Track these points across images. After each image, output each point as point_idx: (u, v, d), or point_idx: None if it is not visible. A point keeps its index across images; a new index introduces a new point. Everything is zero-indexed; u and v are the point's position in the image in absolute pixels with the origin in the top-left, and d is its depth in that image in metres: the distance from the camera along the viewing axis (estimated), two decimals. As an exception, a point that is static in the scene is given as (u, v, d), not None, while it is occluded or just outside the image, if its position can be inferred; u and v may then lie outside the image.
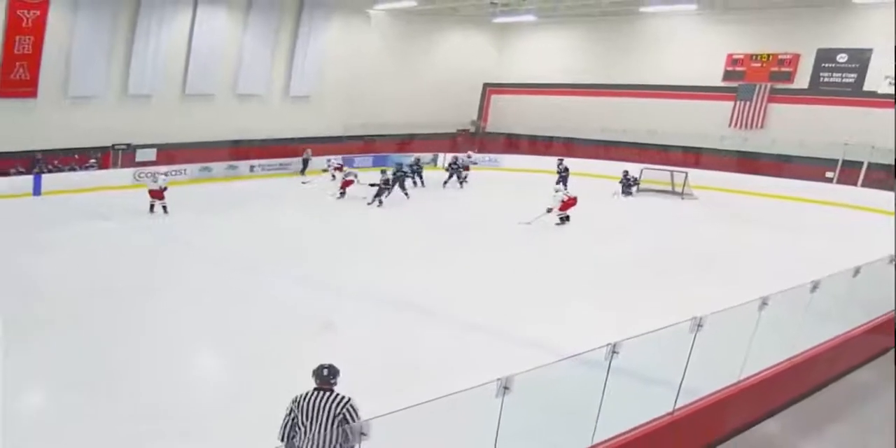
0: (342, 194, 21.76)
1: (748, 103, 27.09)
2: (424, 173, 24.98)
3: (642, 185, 24.80)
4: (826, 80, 25.44)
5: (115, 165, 23.37)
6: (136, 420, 7.33)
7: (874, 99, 23.90)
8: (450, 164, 25.57)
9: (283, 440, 5.04)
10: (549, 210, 18.04)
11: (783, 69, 26.26)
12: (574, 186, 23.20)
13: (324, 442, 4.88)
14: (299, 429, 4.98)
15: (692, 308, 6.65)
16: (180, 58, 24.33)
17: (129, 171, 22.78)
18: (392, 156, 29.15)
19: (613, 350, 5.72)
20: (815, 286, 7.90)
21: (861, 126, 23.55)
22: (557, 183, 22.07)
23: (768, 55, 26.58)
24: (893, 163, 21.86)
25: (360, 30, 29.63)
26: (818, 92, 25.52)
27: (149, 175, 17.74)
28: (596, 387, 5.81)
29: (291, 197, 22.50)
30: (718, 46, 27.66)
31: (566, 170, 24.19)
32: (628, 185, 24.35)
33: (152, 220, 17.41)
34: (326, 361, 5.16)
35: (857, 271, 8.68)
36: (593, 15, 29.60)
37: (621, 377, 5.87)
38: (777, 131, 26.18)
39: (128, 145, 23.66)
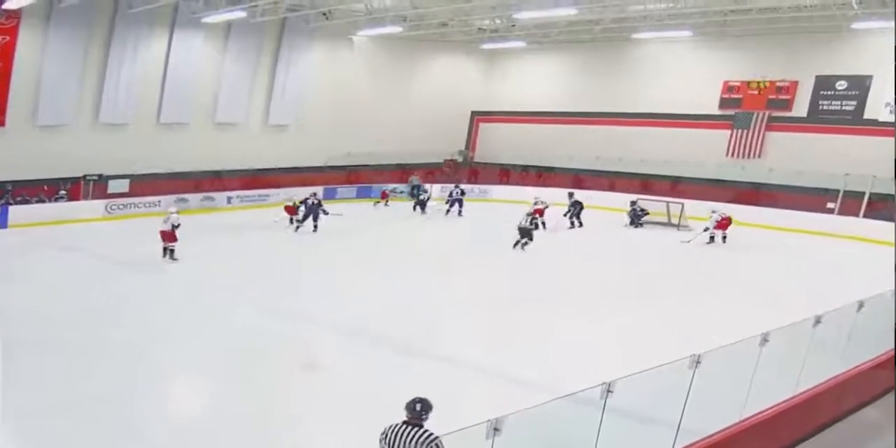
0: None
1: (745, 132, 27.36)
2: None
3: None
4: (825, 107, 25.81)
5: (86, 197, 23.31)
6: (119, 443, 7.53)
7: (875, 127, 24.21)
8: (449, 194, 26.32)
9: None
10: (707, 229, 20.84)
11: (781, 97, 26.61)
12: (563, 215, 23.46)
13: None
14: None
15: (694, 342, 6.62)
16: (155, 85, 24.47)
17: (101, 202, 22.72)
18: (374, 186, 29.39)
19: (608, 389, 5.68)
20: (817, 320, 7.93)
21: (862, 155, 23.75)
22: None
23: (766, 82, 26.93)
24: (894, 192, 21.98)
25: (343, 56, 29.93)
26: (817, 120, 25.88)
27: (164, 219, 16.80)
28: (591, 427, 5.77)
29: (270, 228, 22.39)
30: (714, 73, 28.05)
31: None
32: (637, 215, 24.36)
33: (133, 253, 17.12)
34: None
35: (860, 305, 8.71)
36: (584, 41, 29.95)
37: (617, 417, 5.83)
38: (776, 161, 26.41)
39: (99, 176, 23.63)
